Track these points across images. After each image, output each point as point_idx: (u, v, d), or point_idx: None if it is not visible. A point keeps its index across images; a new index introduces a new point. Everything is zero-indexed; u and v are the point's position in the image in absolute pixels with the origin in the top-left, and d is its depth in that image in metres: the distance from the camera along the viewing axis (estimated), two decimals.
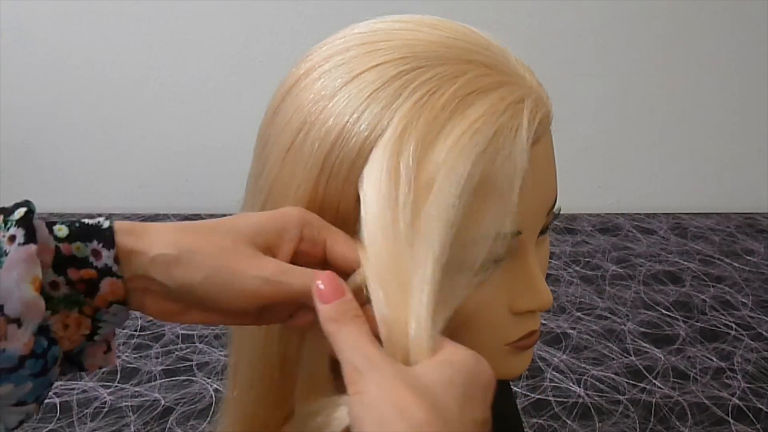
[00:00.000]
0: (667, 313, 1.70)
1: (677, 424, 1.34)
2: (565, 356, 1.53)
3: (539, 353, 1.52)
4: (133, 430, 1.30)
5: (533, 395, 1.41)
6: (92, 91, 2.10)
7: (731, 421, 1.35)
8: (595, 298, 1.76)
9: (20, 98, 2.10)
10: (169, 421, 1.32)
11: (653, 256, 1.97)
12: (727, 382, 1.46)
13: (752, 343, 1.59)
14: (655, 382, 1.45)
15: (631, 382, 1.45)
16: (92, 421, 1.32)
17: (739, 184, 2.30)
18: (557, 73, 2.06)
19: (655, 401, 1.40)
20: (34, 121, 2.13)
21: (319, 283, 0.36)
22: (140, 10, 2.01)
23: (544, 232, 0.43)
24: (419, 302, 0.34)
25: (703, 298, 1.77)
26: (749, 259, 1.97)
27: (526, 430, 1.30)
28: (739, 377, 1.47)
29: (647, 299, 1.76)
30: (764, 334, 1.62)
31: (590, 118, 2.18)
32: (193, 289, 0.36)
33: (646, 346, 1.57)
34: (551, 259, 1.89)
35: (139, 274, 0.36)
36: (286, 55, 0.45)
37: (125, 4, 2.00)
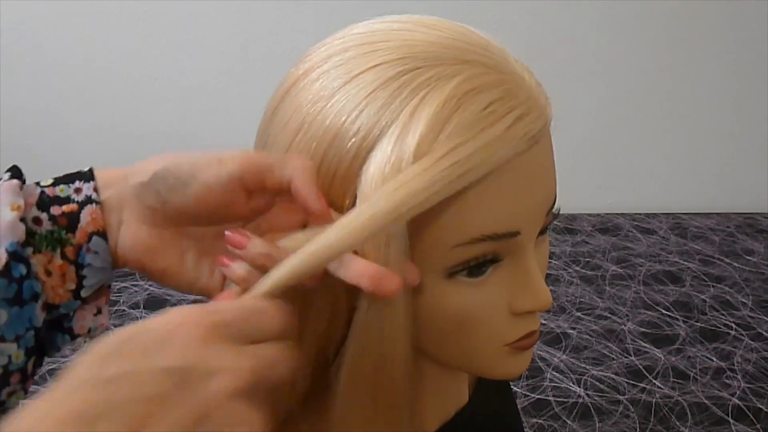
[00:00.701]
0: (667, 313, 1.70)
1: (677, 424, 1.34)
2: (565, 356, 1.53)
3: (539, 353, 1.53)
4: None
5: (533, 395, 1.41)
6: (92, 91, 2.10)
7: (731, 421, 1.35)
8: (595, 298, 1.76)
9: (20, 98, 2.10)
10: None
11: (653, 256, 1.97)
12: (727, 382, 1.46)
13: (752, 343, 1.59)
14: (655, 382, 1.45)
15: (631, 382, 1.45)
16: None
17: (739, 184, 2.30)
18: (557, 73, 2.07)
19: (655, 401, 1.40)
20: (34, 121, 2.13)
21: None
22: (140, 10, 2.02)
23: (543, 232, 0.43)
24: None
25: (703, 298, 1.77)
26: (749, 259, 1.97)
27: (526, 430, 1.30)
28: (739, 377, 1.47)
29: (647, 299, 1.76)
30: (764, 334, 1.62)
31: (590, 118, 2.18)
32: (167, 173, 0.38)
33: (646, 346, 1.57)
34: (551, 259, 1.89)
35: (116, 192, 0.38)
36: (286, 55, 0.45)
37: (125, 4, 2.00)
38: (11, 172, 0.38)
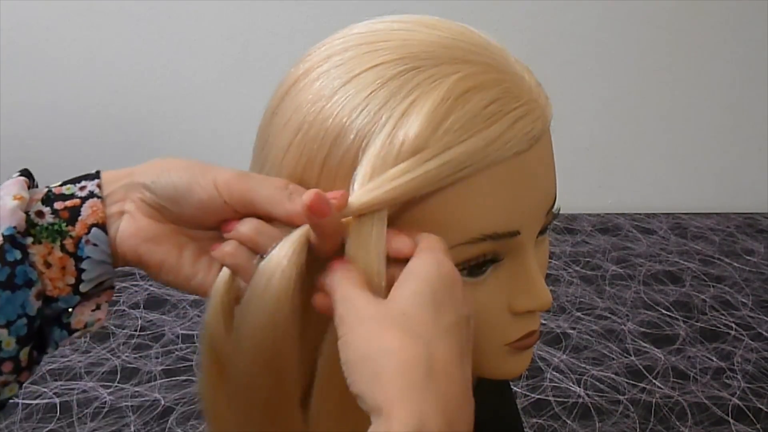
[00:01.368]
0: (667, 313, 1.70)
1: (677, 424, 1.34)
2: (565, 356, 1.53)
3: (539, 353, 1.53)
4: (133, 430, 1.30)
5: (533, 395, 1.41)
6: (92, 90, 2.10)
7: (731, 421, 1.35)
8: (595, 298, 1.76)
9: (20, 98, 2.10)
10: (169, 421, 1.32)
11: (653, 256, 1.97)
12: (727, 382, 1.46)
13: (752, 343, 1.59)
14: (655, 382, 1.45)
15: (631, 382, 1.45)
16: (92, 421, 1.32)
17: (739, 184, 2.30)
18: (557, 73, 2.07)
19: (655, 401, 1.40)
20: (34, 121, 2.13)
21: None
22: (140, 10, 2.01)
23: (543, 232, 0.43)
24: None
25: (703, 298, 1.77)
26: (749, 259, 1.97)
27: (526, 430, 1.30)
28: (739, 377, 1.47)
29: (647, 299, 1.76)
30: (764, 334, 1.62)
31: (590, 118, 2.18)
32: (169, 175, 0.38)
33: (646, 346, 1.57)
34: (551, 259, 1.89)
35: (121, 187, 0.39)
36: (286, 55, 0.45)
37: (125, 4, 2.00)
38: (22, 172, 0.40)
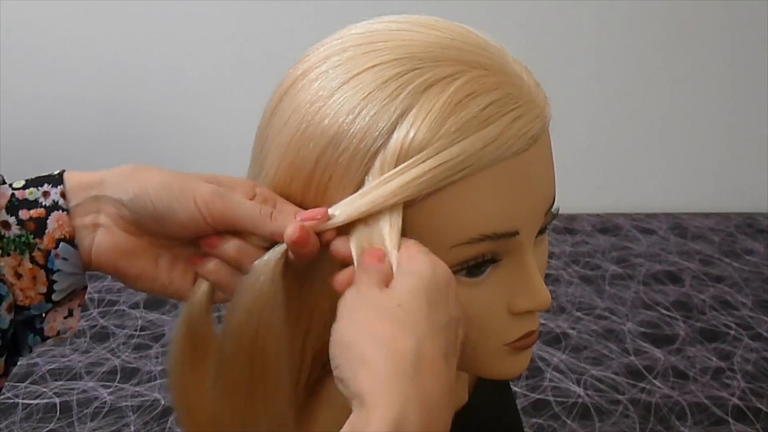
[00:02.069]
0: (666, 313, 1.70)
1: (677, 424, 1.34)
2: (564, 356, 1.53)
3: (539, 353, 1.53)
4: (133, 430, 1.30)
5: (533, 395, 1.41)
6: (92, 90, 2.10)
7: (731, 421, 1.35)
8: (594, 298, 1.76)
9: (20, 98, 2.10)
10: (169, 421, 1.32)
11: (653, 256, 1.97)
12: (726, 382, 1.46)
13: (752, 343, 1.59)
14: (654, 382, 1.45)
15: (630, 382, 1.45)
16: (92, 421, 1.32)
17: (739, 184, 2.30)
18: (557, 73, 2.07)
19: (654, 401, 1.40)
20: (34, 121, 2.13)
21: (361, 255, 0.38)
22: (140, 10, 2.01)
23: (542, 232, 0.43)
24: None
25: (702, 298, 1.77)
26: (749, 259, 1.97)
27: (526, 430, 1.30)
28: (738, 377, 1.47)
29: (647, 299, 1.76)
30: (764, 334, 1.62)
31: (590, 118, 2.18)
32: (147, 196, 0.37)
33: (645, 346, 1.57)
34: (551, 258, 1.89)
35: (88, 199, 0.38)
36: (286, 55, 0.45)
37: (125, 4, 2.00)
38: None
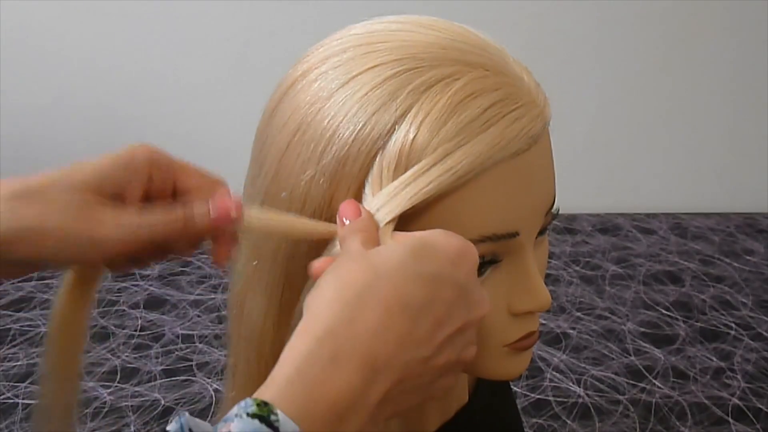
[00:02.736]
0: (667, 313, 1.70)
1: (677, 424, 1.34)
2: (565, 356, 1.53)
3: (539, 353, 1.52)
4: (133, 430, 1.30)
5: (533, 395, 1.41)
6: (93, 90, 2.10)
7: (731, 421, 1.35)
8: (595, 298, 1.76)
9: (20, 98, 2.10)
10: (169, 421, 1.32)
11: (653, 256, 1.97)
12: (727, 382, 1.46)
13: (752, 343, 1.59)
14: (655, 382, 1.45)
15: (631, 382, 1.45)
16: (92, 421, 1.32)
17: (739, 184, 2.30)
18: (557, 73, 2.06)
19: (655, 401, 1.40)
20: (34, 120, 2.13)
21: (340, 208, 0.37)
22: (140, 10, 2.01)
23: (542, 232, 0.43)
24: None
25: (703, 298, 1.77)
26: (749, 259, 1.97)
27: (526, 430, 1.30)
28: (739, 377, 1.47)
29: (647, 299, 1.76)
30: (764, 334, 1.62)
31: (590, 118, 2.18)
32: (44, 259, 0.35)
33: (646, 346, 1.57)
34: (551, 259, 1.89)
35: None
36: (285, 55, 0.45)
37: (125, 4, 2.00)
38: None
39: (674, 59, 2.15)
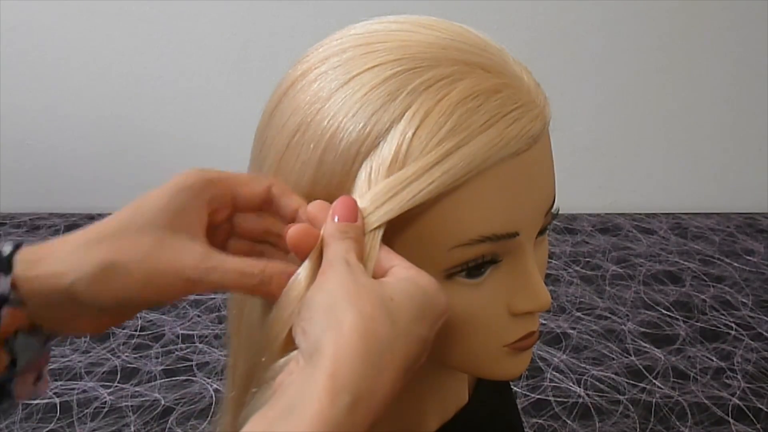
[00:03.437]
0: (667, 313, 1.70)
1: (677, 424, 1.34)
2: (565, 356, 1.53)
3: (539, 353, 1.53)
4: (133, 430, 1.30)
5: (533, 395, 1.41)
6: (92, 91, 2.10)
7: (731, 421, 1.35)
8: (595, 298, 1.76)
9: (20, 98, 2.10)
10: (169, 421, 1.32)
11: (653, 256, 1.97)
12: (727, 382, 1.46)
13: (752, 343, 1.59)
14: (655, 382, 1.45)
15: (631, 382, 1.45)
16: (92, 421, 1.32)
17: (739, 184, 2.30)
18: (557, 73, 2.07)
19: (655, 401, 1.40)
20: (34, 121, 2.13)
21: (337, 201, 0.37)
22: (140, 10, 2.01)
23: (542, 232, 0.43)
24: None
25: (703, 298, 1.77)
26: (749, 259, 1.97)
27: (526, 430, 1.30)
28: (739, 377, 1.47)
29: (647, 299, 1.76)
30: (764, 334, 1.62)
31: (590, 118, 2.18)
32: (130, 300, 0.35)
33: (646, 346, 1.57)
34: (551, 259, 1.89)
35: (53, 301, 0.34)
36: (285, 55, 0.45)
37: (125, 4, 2.00)
38: None
39: (674, 59, 2.15)
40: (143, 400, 1.37)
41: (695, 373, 1.48)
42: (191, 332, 1.59)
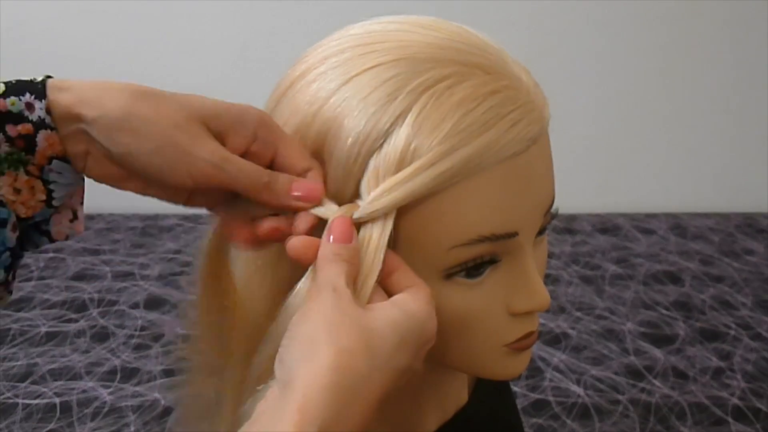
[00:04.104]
0: (666, 313, 1.70)
1: (677, 424, 1.34)
2: (564, 356, 1.53)
3: (539, 353, 1.53)
4: (133, 430, 1.30)
5: (533, 395, 1.41)
6: None
7: (731, 421, 1.35)
8: (594, 298, 1.76)
9: None
10: (169, 421, 1.32)
11: (653, 256, 1.97)
12: (726, 382, 1.46)
13: (752, 343, 1.59)
14: (654, 382, 1.45)
15: (630, 381, 1.45)
16: (92, 421, 1.32)
17: (739, 184, 2.30)
18: (557, 73, 2.06)
19: (654, 401, 1.40)
20: None
21: (332, 221, 0.37)
22: (140, 10, 2.02)
23: (541, 232, 0.43)
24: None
25: (702, 298, 1.77)
26: (749, 259, 1.97)
27: (526, 430, 1.30)
28: (738, 377, 1.47)
29: (647, 299, 1.76)
30: (764, 334, 1.62)
31: (590, 118, 2.18)
32: (137, 158, 0.36)
33: (645, 346, 1.57)
34: (551, 259, 1.89)
35: (78, 130, 0.36)
36: (285, 55, 0.45)
37: (125, 4, 2.00)
38: None
39: (674, 59, 2.15)
40: (143, 400, 1.37)
41: (695, 373, 1.48)
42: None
